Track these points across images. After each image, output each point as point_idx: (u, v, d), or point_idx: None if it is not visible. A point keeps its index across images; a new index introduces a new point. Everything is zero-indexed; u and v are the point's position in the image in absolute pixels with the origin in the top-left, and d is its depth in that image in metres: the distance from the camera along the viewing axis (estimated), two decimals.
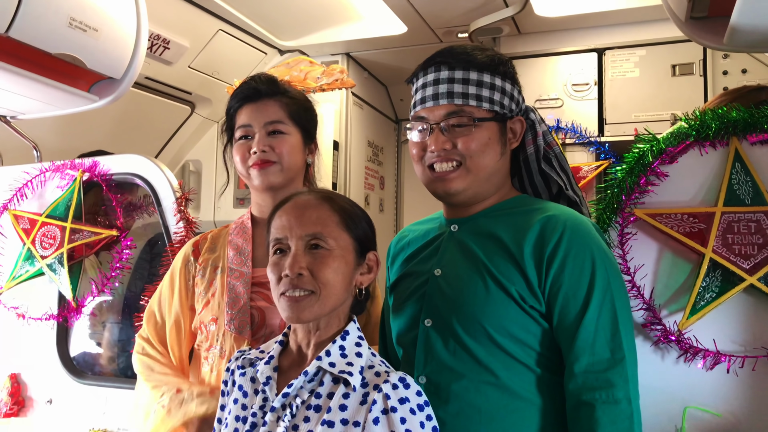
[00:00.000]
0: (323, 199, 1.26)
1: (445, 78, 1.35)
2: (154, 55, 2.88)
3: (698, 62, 2.91)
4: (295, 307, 1.18)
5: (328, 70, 1.85)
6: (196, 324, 1.65)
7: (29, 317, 2.29)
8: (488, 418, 1.24)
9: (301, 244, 1.20)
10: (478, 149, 1.34)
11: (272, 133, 1.63)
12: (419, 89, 1.39)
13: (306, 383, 1.17)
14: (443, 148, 1.34)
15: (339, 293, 1.21)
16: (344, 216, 1.25)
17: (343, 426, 1.10)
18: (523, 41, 3.23)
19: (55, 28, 1.95)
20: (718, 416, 1.52)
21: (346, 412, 1.12)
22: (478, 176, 1.35)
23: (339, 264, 1.21)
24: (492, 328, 1.26)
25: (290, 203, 1.27)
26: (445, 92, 1.34)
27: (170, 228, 2.09)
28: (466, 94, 1.34)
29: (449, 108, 1.34)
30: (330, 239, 1.21)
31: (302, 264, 1.18)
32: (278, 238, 1.23)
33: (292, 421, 1.14)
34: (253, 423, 1.18)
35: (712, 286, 1.55)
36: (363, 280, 1.28)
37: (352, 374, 1.14)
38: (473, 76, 1.34)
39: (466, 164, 1.34)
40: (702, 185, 1.60)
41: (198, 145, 3.68)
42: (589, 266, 1.24)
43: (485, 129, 1.35)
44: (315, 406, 1.14)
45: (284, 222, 1.23)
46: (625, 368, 1.20)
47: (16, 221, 2.32)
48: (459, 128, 1.34)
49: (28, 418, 2.26)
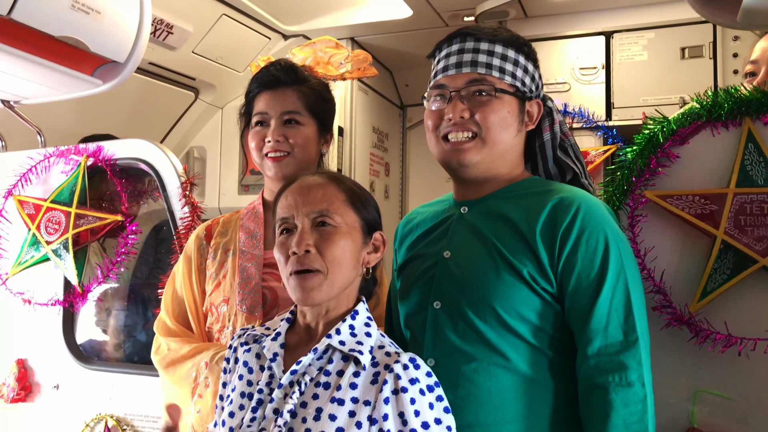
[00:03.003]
0: (329, 178, 1.26)
1: (470, 48, 1.35)
2: (158, 40, 2.86)
3: (708, 45, 2.87)
4: (304, 288, 1.17)
5: (353, 56, 1.83)
6: (207, 305, 1.65)
7: (35, 303, 2.28)
8: (498, 400, 1.23)
9: (308, 222, 1.20)
10: (496, 121, 1.33)
11: (288, 122, 1.62)
12: (442, 59, 1.39)
13: (315, 360, 1.17)
14: (461, 117, 1.33)
15: (347, 271, 1.21)
16: (350, 194, 1.25)
17: (354, 404, 1.10)
18: (530, 24, 3.19)
19: (57, 10, 1.93)
20: (729, 399, 1.51)
21: (356, 390, 1.11)
22: (493, 150, 1.34)
23: (346, 241, 1.20)
24: (503, 311, 1.24)
25: (296, 184, 1.26)
26: (469, 61, 1.34)
27: (176, 213, 2.09)
28: (490, 64, 1.34)
29: (472, 76, 1.34)
30: (336, 216, 1.20)
31: (309, 241, 1.18)
32: (284, 217, 1.23)
33: (301, 398, 1.13)
34: (260, 399, 1.17)
35: (723, 268, 1.53)
36: (370, 259, 1.27)
37: (362, 353, 1.14)
38: (498, 49, 1.35)
39: (481, 136, 1.33)
40: (714, 166, 1.58)
41: (202, 132, 3.66)
42: (602, 247, 1.23)
43: (505, 102, 1.34)
44: (324, 384, 1.14)
45: (290, 201, 1.23)
46: (638, 351, 1.19)
47: (21, 207, 2.31)
48: (479, 97, 1.33)
49: (35, 403, 2.27)
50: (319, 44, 1.82)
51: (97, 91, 2.28)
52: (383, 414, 1.09)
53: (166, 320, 1.69)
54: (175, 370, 1.61)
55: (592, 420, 1.19)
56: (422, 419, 1.09)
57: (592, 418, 1.19)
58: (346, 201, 1.23)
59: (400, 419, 1.09)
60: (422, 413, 1.09)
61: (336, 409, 1.10)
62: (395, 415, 1.09)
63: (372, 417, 1.09)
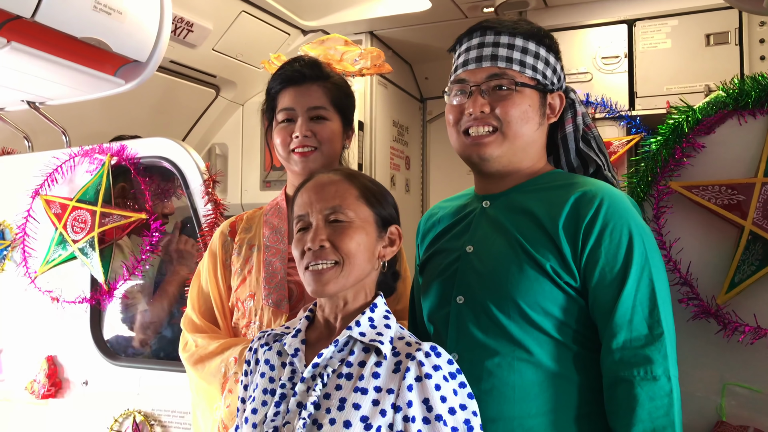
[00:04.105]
0: (343, 175, 1.28)
1: (490, 42, 1.34)
2: (178, 38, 2.88)
3: (734, 30, 2.81)
4: (319, 279, 1.19)
5: (365, 53, 1.82)
6: (233, 301, 1.67)
7: (63, 301, 2.32)
8: (522, 395, 1.23)
9: (321, 218, 1.22)
10: (517, 115, 1.32)
11: (314, 118, 1.63)
12: (462, 53, 1.38)
13: (336, 353, 1.18)
14: (481, 111, 1.32)
15: (362, 263, 1.22)
16: (363, 190, 1.26)
17: (377, 393, 1.11)
18: (550, 14, 3.16)
19: (80, 12, 1.95)
20: (758, 392, 1.49)
21: (379, 379, 1.12)
22: (514, 144, 1.33)
23: (359, 234, 1.22)
24: (526, 305, 1.24)
25: (311, 182, 1.28)
26: (489, 55, 1.33)
27: (199, 211, 2.10)
28: (510, 58, 1.33)
29: (492, 70, 1.33)
30: (349, 211, 1.22)
31: (323, 236, 1.20)
32: (300, 215, 1.25)
33: (324, 390, 1.14)
34: (282, 394, 1.19)
35: (752, 259, 1.50)
36: (386, 253, 1.28)
37: (383, 343, 1.15)
38: (519, 42, 1.34)
39: (502, 130, 1.32)
40: (740, 156, 1.55)
41: (224, 129, 3.68)
42: (626, 240, 1.21)
43: (526, 96, 1.33)
44: (347, 375, 1.15)
45: (305, 199, 1.25)
46: (664, 344, 1.17)
47: (48, 206, 2.35)
48: (500, 91, 1.32)
49: (65, 399, 2.31)
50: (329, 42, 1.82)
51: (120, 90, 2.31)
52: (407, 401, 1.09)
53: (193, 316, 1.71)
54: (204, 366, 1.63)
55: (617, 414, 1.18)
56: (448, 405, 1.10)
57: (617, 412, 1.18)
58: (359, 197, 1.25)
59: (425, 405, 1.09)
60: (448, 399, 1.10)
61: (360, 398, 1.11)
62: (420, 402, 1.10)
63: (396, 404, 1.10)
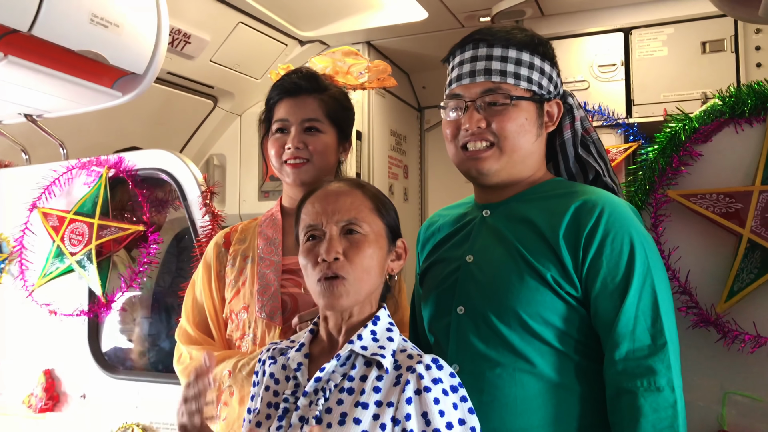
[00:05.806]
0: (355, 185, 1.27)
1: (483, 55, 1.32)
2: (176, 49, 2.88)
3: (729, 38, 2.82)
4: (333, 294, 1.18)
5: (372, 66, 1.83)
6: (227, 313, 1.66)
7: (61, 313, 2.31)
8: (524, 406, 1.22)
9: (336, 230, 1.21)
10: (514, 129, 1.31)
11: (308, 129, 1.63)
12: (455, 67, 1.36)
13: (338, 367, 1.17)
14: (477, 127, 1.31)
15: (374, 279, 1.22)
16: (377, 202, 1.26)
17: (377, 407, 1.10)
18: (547, 23, 3.17)
19: (77, 25, 1.95)
20: (759, 401, 1.48)
21: (379, 393, 1.12)
22: (512, 157, 1.33)
23: (374, 249, 1.21)
24: (527, 315, 1.23)
25: (321, 190, 1.27)
26: (482, 69, 1.31)
27: (196, 222, 2.10)
28: (504, 71, 1.31)
29: (486, 85, 1.32)
30: (365, 224, 1.21)
31: (338, 249, 1.19)
32: (312, 224, 1.23)
33: (326, 404, 1.13)
34: (285, 408, 1.18)
35: (750, 268, 1.50)
36: (394, 266, 1.28)
37: (384, 356, 1.14)
38: (512, 54, 1.32)
39: (499, 144, 1.31)
40: (738, 164, 1.56)
41: (222, 139, 3.69)
42: (628, 249, 1.21)
43: (522, 109, 1.32)
44: (348, 389, 1.14)
45: (318, 209, 1.23)
46: (667, 354, 1.16)
47: (45, 219, 2.34)
48: (495, 107, 1.31)
49: (63, 413, 2.29)
50: (338, 54, 1.82)
51: (117, 102, 2.31)
52: (405, 414, 1.08)
53: (187, 328, 1.70)
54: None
55: (620, 425, 1.17)
56: (447, 419, 1.09)
57: (620, 423, 1.17)
58: (373, 209, 1.24)
59: (423, 419, 1.08)
60: (447, 413, 1.09)
61: (360, 413, 1.10)
62: (418, 415, 1.09)
63: (395, 418, 1.09)
